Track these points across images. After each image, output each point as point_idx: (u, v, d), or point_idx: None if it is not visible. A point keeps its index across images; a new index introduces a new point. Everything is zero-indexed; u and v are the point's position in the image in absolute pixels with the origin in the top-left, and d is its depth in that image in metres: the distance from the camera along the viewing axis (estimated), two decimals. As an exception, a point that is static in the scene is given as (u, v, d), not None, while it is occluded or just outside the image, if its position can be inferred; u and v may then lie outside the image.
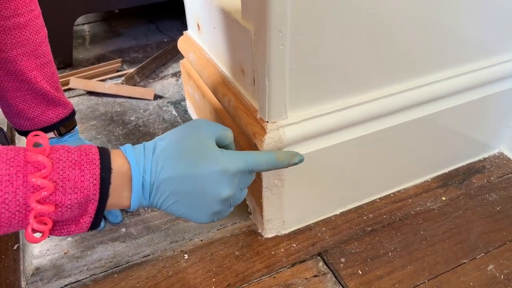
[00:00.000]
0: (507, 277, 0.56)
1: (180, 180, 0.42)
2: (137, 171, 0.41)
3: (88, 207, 0.39)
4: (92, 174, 0.38)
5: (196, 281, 0.56)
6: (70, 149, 0.39)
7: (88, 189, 0.38)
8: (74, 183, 0.37)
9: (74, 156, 0.38)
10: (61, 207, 0.37)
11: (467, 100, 0.66)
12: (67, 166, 0.37)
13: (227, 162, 0.43)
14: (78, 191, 0.37)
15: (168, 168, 0.41)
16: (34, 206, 0.35)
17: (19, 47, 0.56)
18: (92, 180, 0.38)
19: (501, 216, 0.65)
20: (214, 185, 0.43)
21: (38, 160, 0.36)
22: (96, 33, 1.32)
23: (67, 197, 0.37)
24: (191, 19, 0.76)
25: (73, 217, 0.39)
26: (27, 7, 0.55)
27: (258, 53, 0.49)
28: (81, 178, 0.38)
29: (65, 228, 0.39)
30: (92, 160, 0.39)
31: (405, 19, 0.53)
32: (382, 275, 0.56)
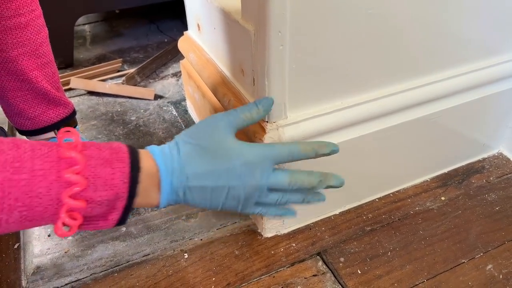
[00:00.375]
0: (505, 276, 0.56)
1: (206, 176, 0.43)
2: (166, 173, 0.42)
3: (117, 204, 0.40)
4: (122, 173, 0.39)
5: (196, 280, 0.56)
6: (101, 146, 0.40)
7: (118, 186, 0.39)
8: (105, 181, 0.38)
9: (105, 154, 0.39)
10: (92, 203, 0.38)
11: (466, 100, 0.66)
12: (98, 163, 0.38)
13: (246, 155, 0.44)
14: (108, 188, 0.38)
15: (194, 167, 0.43)
16: (66, 201, 0.36)
17: (20, 47, 0.56)
18: (122, 178, 0.39)
19: (500, 216, 0.65)
20: (239, 190, 0.44)
21: (71, 157, 0.37)
22: (97, 33, 1.33)
23: (98, 193, 0.38)
24: (191, 19, 0.76)
25: (102, 213, 0.40)
26: (28, 7, 0.56)
27: (257, 53, 0.49)
28: (112, 176, 0.39)
29: (93, 223, 0.41)
30: (122, 159, 0.40)
31: (405, 19, 0.53)
32: (381, 275, 0.56)
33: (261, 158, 0.44)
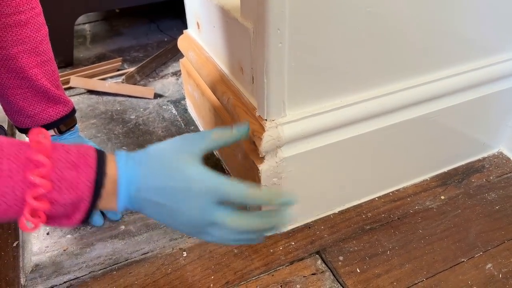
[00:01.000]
0: (505, 275, 0.56)
1: (160, 191, 0.43)
2: (125, 183, 0.43)
3: (80, 206, 0.41)
4: (87, 177, 0.40)
5: (194, 279, 0.56)
6: (70, 150, 0.41)
7: (83, 190, 0.40)
8: (70, 184, 0.40)
9: (73, 157, 0.40)
10: (55, 204, 0.39)
11: (466, 99, 0.66)
12: (65, 166, 0.40)
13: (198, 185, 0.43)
14: (72, 191, 0.40)
15: (151, 182, 0.43)
16: (30, 202, 0.37)
17: (20, 44, 0.56)
18: (87, 182, 0.40)
19: (500, 215, 0.65)
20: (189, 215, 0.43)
21: (38, 159, 0.38)
22: (97, 32, 1.32)
23: (62, 196, 0.39)
24: (191, 18, 0.76)
25: (65, 213, 0.41)
26: (28, 5, 0.56)
27: (256, 51, 0.49)
28: (77, 180, 0.40)
29: (56, 222, 0.42)
30: (89, 164, 0.41)
31: (404, 18, 0.53)
32: (380, 273, 0.56)
33: (208, 191, 0.43)
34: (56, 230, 0.62)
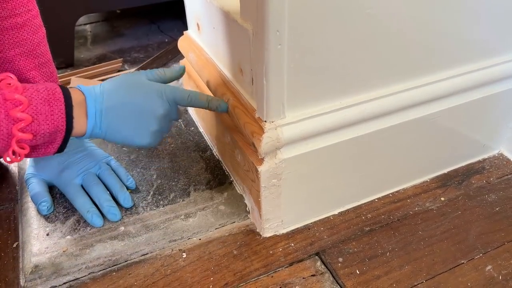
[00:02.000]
0: (505, 277, 0.56)
1: (121, 105, 0.54)
2: (91, 100, 0.53)
3: (57, 136, 0.50)
4: (59, 110, 0.49)
5: (194, 280, 0.56)
6: (39, 88, 0.49)
7: (57, 121, 0.49)
8: (46, 116, 0.48)
9: (43, 95, 0.48)
10: (37, 135, 0.48)
11: (466, 100, 0.66)
12: (39, 102, 0.47)
13: (159, 88, 0.56)
14: (49, 123, 0.48)
15: (112, 97, 0.54)
16: (16, 133, 0.46)
17: (17, 47, 0.56)
18: (60, 114, 0.49)
19: (500, 217, 0.65)
20: (149, 106, 0.55)
21: (15, 98, 0.45)
22: (98, 33, 1.33)
23: (41, 127, 0.48)
24: (191, 19, 0.76)
25: (45, 143, 0.50)
26: (24, 7, 0.56)
27: (256, 53, 0.49)
28: (51, 113, 0.48)
29: (38, 152, 0.51)
30: (58, 99, 0.49)
31: (403, 19, 0.53)
32: (380, 275, 0.56)
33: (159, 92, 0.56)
34: (56, 231, 0.63)
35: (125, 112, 0.54)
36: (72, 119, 0.50)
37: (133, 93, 0.55)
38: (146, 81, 0.57)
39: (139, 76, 0.57)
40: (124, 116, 0.54)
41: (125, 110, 0.54)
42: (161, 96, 0.56)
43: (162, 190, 0.70)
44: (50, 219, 0.65)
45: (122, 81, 0.55)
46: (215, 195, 0.69)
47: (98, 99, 0.53)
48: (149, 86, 0.56)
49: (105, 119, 0.53)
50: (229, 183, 0.71)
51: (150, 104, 0.55)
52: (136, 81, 0.56)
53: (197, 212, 0.66)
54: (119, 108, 0.54)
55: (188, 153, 0.78)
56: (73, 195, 0.65)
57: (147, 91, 0.55)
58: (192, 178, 0.72)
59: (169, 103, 0.57)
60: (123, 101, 0.54)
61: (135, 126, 0.55)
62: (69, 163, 0.66)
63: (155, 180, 0.72)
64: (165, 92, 0.56)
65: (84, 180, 0.66)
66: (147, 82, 0.56)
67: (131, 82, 0.56)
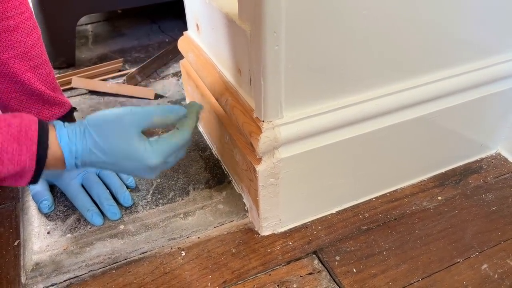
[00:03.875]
0: (500, 276, 0.56)
1: (110, 164, 0.49)
2: (70, 159, 0.47)
3: (26, 175, 0.45)
4: (29, 150, 0.43)
5: (192, 278, 0.57)
6: (11, 123, 0.43)
7: (25, 162, 0.43)
8: (12, 156, 0.43)
9: (14, 130, 0.43)
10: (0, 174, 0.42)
11: (464, 100, 0.66)
12: (6, 139, 0.42)
13: (150, 159, 0.49)
14: (15, 163, 0.43)
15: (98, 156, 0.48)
16: None
17: (10, 49, 0.56)
18: (29, 155, 0.44)
19: (497, 216, 0.65)
20: (140, 173, 0.51)
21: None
22: (99, 33, 1.33)
23: (5, 167, 0.42)
24: (191, 19, 0.77)
25: (12, 178, 0.45)
26: (16, 10, 0.55)
27: (254, 53, 0.50)
28: (19, 153, 0.43)
29: (5, 184, 0.46)
30: (31, 138, 0.44)
31: (400, 19, 0.53)
32: (377, 273, 0.57)
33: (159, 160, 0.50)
34: (57, 229, 0.63)
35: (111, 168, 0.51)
36: (45, 160, 0.45)
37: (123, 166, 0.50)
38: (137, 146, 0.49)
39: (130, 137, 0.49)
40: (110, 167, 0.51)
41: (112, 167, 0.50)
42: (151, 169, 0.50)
43: (162, 189, 0.71)
44: (51, 217, 0.65)
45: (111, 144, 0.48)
46: (214, 194, 0.69)
47: (79, 157, 0.48)
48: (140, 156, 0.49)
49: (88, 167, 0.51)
50: (228, 182, 0.72)
51: (140, 174, 0.51)
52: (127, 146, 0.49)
53: (196, 211, 0.66)
54: (103, 164, 0.49)
55: (188, 153, 0.79)
56: (73, 194, 0.65)
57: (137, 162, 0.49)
58: (192, 177, 0.73)
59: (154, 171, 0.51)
60: (101, 164, 0.49)
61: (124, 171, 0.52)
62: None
63: (154, 179, 0.73)
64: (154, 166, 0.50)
65: (84, 179, 0.67)
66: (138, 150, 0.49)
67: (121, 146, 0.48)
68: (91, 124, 0.48)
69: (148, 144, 0.49)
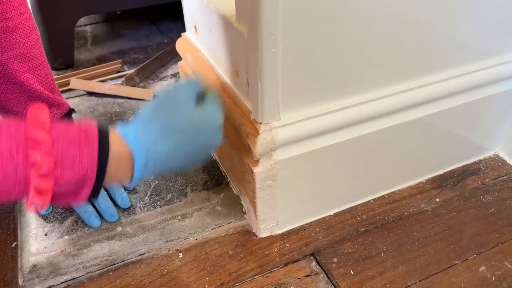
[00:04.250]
0: (498, 278, 0.56)
1: (173, 151, 0.47)
2: (139, 155, 0.44)
3: (86, 183, 0.41)
4: (90, 155, 0.40)
5: (190, 280, 0.57)
6: (70, 126, 0.41)
7: (86, 168, 0.40)
8: (73, 161, 0.39)
9: (73, 134, 0.40)
10: (59, 182, 0.39)
11: (462, 102, 0.66)
12: (65, 143, 0.39)
13: (216, 118, 0.50)
14: (76, 169, 0.39)
15: (164, 145, 0.46)
16: (33, 181, 0.37)
17: (9, 50, 0.56)
18: (90, 160, 0.40)
19: (494, 218, 0.65)
20: (206, 143, 0.50)
21: (37, 136, 0.37)
22: (98, 34, 1.33)
23: (66, 173, 0.39)
24: (189, 21, 0.77)
25: (72, 190, 0.41)
26: (16, 11, 0.55)
27: (251, 56, 0.50)
28: (80, 158, 0.39)
29: (64, 199, 0.41)
30: (91, 141, 0.40)
31: (398, 21, 0.53)
32: (374, 275, 0.57)
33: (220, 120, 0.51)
34: (54, 231, 0.63)
35: (179, 154, 0.48)
36: (106, 165, 0.41)
37: (187, 131, 0.48)
38: (195, 115, 0.49)
39: (188, 110, 0.49)
40: (176, 159, 0.48)
41: (178, 153, 0.48)
42: (217, 129, 0.51)
43: (160, 190, 0.70)
44: (48, 219, 0.65)
45: (172, 125, 0.47)
46: (212, 196, 0.69)
47: (151, 151, 0.45)
48: (202, 119, 0.49)
49: (154, 167, 0.46)
50: (226, 184, 0.72)
51: (207, 141, 0.50)
52: (189, 121, 0.48)
53: (194, 212, 0.66)
54: (171, 154, 0.47)
55: (186, 154, 0.79)
56: (71, 196, 0.65)
57: (201, 125, 0.49)
58: (189, 179, 0.73)
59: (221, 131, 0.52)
60: (175, 145, 0.47)
61: (188, 163, 0.51)
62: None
63: (152, 180, 0.73)
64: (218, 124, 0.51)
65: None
66: (198, 114, 0.49)
67: (183, 117, 0.48)
68: (149, 113, 0.47)
69: (203, 106, 0.50)
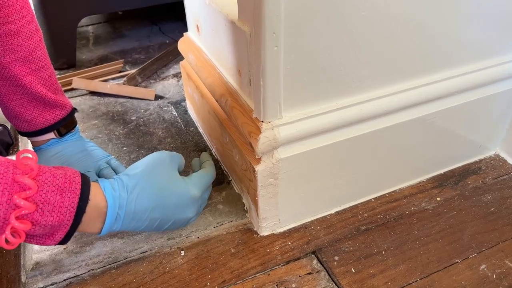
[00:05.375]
0: (498, 276, 0.57)
1: (154, 210, 0.52)
2: (113, 209, 0.49)
3: (60, 229, 0.45)
4: (70, 202, 0.44)
5: (192, 277, 0.57)
6: (56, 174, 0.45)
7: (64, 214, 0.44)
8: (53, 207, 0.43)
9: (58, 182, 0.44)
10: (36, 225, 0.42)
11: (462, 101, 0.66)
12: (50, 190, 0.43)
13: (192, 191, 0.56)
14: (55, 215, 0.43)
15: (143, 201, 0.51)
16: (12, 222, 0.40)
17: (12, 53, 0.56)
18: (69, 207, 0.44)
19: (495, 217, 0.65)
20: (183, 211, 0.55)
21: (24, 182, 0.41)
22: (100, 34, 1.34)
23: (44, 218, 0.42)
24: (191, 20, 0.77)
25: (45, 234, 0.45)
26: (18, 14, 0.55)
27: (253, 54, 0.50)
28: (60, 204, 0.43)
29: (35, 240, 0.45)
30: (74, 189, 0.45)
31: (399, 21, 0.54)
32: (375, 273, 0.57)
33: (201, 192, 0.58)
34: (57, 229, 0.64)
35: (156, 217, 0.53)
36: (82, 214, 0.45)
37: (168, 200, 0.53)
38: (179, 180, 0.56)
39: (172, 173, 0.55)
40: (152, 222, 0.53)
41: (156, 216, 0.53)
42: (196, 200, 0.57)
43: (162, 189, 0.71)
44: (51, 217, 0.66)
45: (154, 183, 0.53)
46: (214, 194, 0.70)
47: (123, 206, 0.50)
48: (183, 190, 0.55)
49: (130, 223, 0.51)
50: (228, 183, 0.72)
51: (183, 211, 0.55)
52: (171, 182, 0.54)
53: (196, 211, 0.67)
54: (150, 215, 0.52)
55: (188, 153, 0.79)
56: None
57: (181, 196, 0.55)
58: (191, 178, 0.73)
59: (201, 206, 0.59)
60: (155, 209, 0.52)
61: (159, 226, 0.55)
62: (69, 163, 0.67)
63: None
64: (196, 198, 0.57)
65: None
66: (181, 183, 0.55)
67: (165, 184, 0.53)
68: (132, 174, 0.52)
69: (185, 179, 0.57)
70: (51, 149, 0.67)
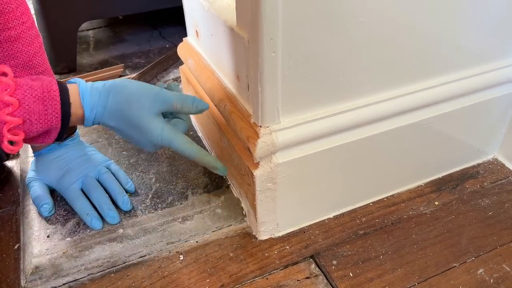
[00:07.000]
0: (496, 281, 0.57)
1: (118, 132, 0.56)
2: (90, 116, 0.53)
3: (52, 131, 0.52)
4: (54, 109, 0.49)
5: (190, 281, 0.57)
6: (33, 86, 0.48)
7: (51, 121, 0.49)
8: (39, 116, 0.48)
9: (37, 93, 0.48)
10: (29, 133, 0.48)
11: (460, 106, 0.67)
12: (31, 101, 0.47)
13: (158, 139, 0.55)
14: (43, 122, 0.48)
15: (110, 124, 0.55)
16: (5, 134, 0.46)
17: (12, 59, 0.57)
18: (54, 114, 0.49)
19: (493, 221, 0.66)
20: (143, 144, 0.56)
21: (4, 99, 0.45)
22: (100, 39, 1.35)
23: (34, 127, 0.48)
24: (190, 25, 0.78)
25: (40, 135, 0.51)
26: (18, 20, 0.56)
27: (251, 60, 0.51)
28: (45, 112, 0.48)
29: (34, 141, 0.52)
30: (53, 97, 0.49)
31: (397, 26, 0.54)
32: (373, 278, 0.57)
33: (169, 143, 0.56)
34: (56, 233, 0.64)
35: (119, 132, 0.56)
36: (69, 117, 0.51)
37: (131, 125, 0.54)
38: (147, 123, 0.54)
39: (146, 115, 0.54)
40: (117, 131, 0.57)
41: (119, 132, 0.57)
42: (158, 140, 0.55)
43: (161, 193, 0.71)
44: (50, 221, 0.66)
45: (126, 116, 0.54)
46: (212, 199, 0.70)
47: (96, 111, 0.53)
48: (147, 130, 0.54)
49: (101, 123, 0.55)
50: (226, 187, 0.72)
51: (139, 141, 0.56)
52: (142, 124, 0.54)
53: (195, 215, 0.67)
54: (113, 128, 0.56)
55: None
56: (73, 199, 0.66)
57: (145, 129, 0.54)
58: (190, 182, 0.73)
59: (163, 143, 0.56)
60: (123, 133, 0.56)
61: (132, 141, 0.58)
62: (69, 168, 0.67)
63: (154, 183, 0.73)
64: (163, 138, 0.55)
65: (84, 184, 0.67)
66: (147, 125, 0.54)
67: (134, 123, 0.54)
68: (113, 92, 0.53)
69: (164, 127, 0.55)
70: (51, 154, 0.67)
